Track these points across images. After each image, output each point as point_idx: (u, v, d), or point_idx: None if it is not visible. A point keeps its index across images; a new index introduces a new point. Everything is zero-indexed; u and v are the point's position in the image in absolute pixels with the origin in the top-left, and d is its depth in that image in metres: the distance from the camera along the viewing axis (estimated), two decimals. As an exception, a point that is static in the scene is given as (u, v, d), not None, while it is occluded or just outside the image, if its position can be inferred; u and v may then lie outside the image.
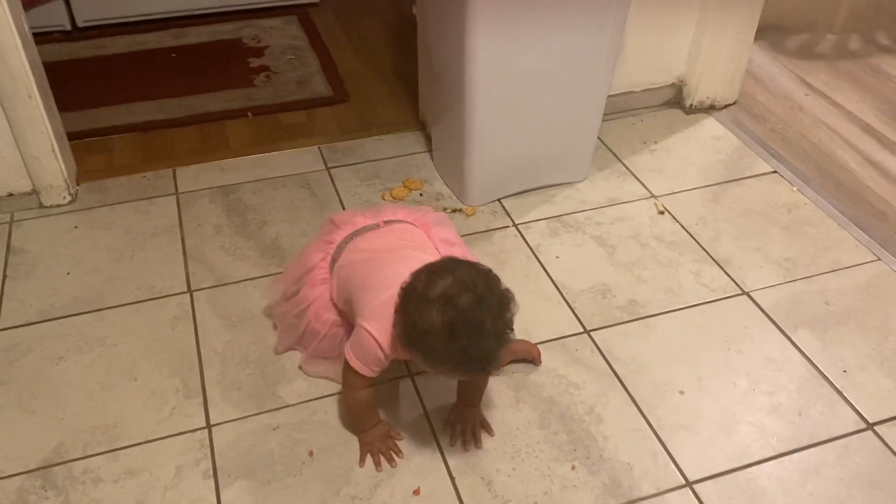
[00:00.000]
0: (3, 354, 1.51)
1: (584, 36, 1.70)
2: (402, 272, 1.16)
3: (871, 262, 1.76)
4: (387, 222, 1.39)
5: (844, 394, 1.46)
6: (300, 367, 1.47)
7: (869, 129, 1.89)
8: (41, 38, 2.40)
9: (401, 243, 1.34)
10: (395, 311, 1.14)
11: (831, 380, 1.48)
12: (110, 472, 1.30)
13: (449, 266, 1.13)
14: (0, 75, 1.66)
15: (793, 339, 1.56)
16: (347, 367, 1.24)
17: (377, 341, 1.19)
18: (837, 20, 2.71)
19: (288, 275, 1.48)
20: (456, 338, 1.07)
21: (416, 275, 1.13)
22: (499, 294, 1.12)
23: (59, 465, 1.31)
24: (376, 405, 1.36)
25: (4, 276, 1.68)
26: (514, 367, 1.49)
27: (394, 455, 1.32)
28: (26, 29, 1.72)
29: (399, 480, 1.29)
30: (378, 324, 1.19)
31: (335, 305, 1.37)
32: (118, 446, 1.34)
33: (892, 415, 1.42)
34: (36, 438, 1.35)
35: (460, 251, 1.38)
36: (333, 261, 1.37)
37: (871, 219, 1.85)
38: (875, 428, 1.40)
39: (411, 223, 1.41)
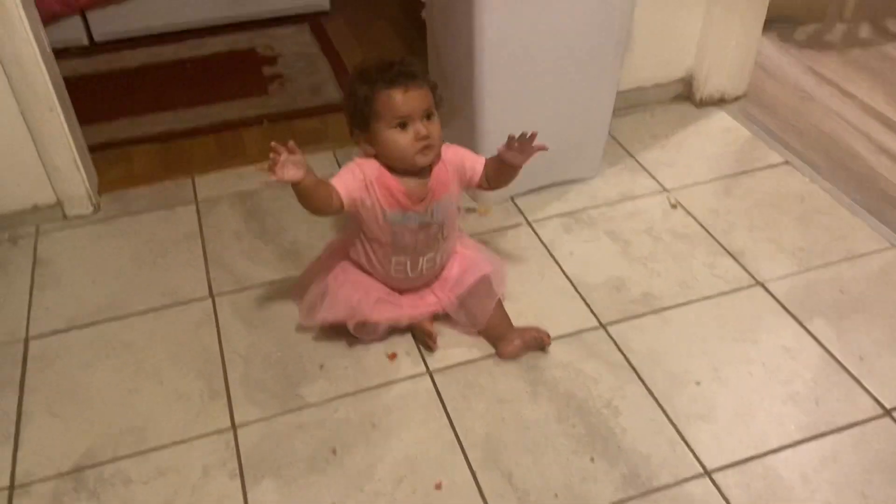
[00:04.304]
0: (33, 363, 1.55)
1: (593, 28, 1.72)
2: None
3: (886, 249, 1.76)
4: None
5: (861, 381, 1.46)
6: (317, 320, 1.52)
7: (880, 117, 1.90)
8: (60, 53, 2.44)
9: None
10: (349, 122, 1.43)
11: (847, 367, 1.49)
12: (139, 473, 1.34)
13: None
14: (22, 89, 1.70)
15: (808, 327, 1.57)
16: None
17: (357, 163, 1.41)
18: (846, 9, 2.71)
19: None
20: (366, 71, 1.38)
21: None
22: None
23: (90, 467, 1.35)
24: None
25: (32, 287, 1.73)
26: (529, 360, 1.51)
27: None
28: (46, 44, 1.77)
29: (421, 475, 1.32)
30: (365, 159, 1.42)
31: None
32: (146, 448, 1.38)
33: (910, 400, 1.43)
34: (67, 442, 1.39)
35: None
36: None
37: (885, 206, 1.85)
38: (893, 413, 1.40)
39: None
